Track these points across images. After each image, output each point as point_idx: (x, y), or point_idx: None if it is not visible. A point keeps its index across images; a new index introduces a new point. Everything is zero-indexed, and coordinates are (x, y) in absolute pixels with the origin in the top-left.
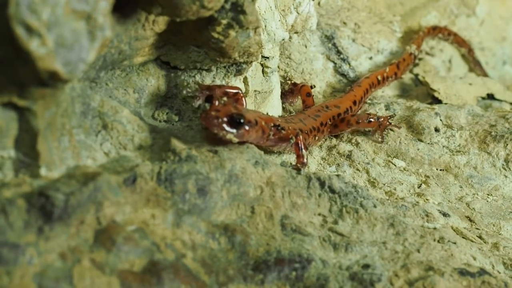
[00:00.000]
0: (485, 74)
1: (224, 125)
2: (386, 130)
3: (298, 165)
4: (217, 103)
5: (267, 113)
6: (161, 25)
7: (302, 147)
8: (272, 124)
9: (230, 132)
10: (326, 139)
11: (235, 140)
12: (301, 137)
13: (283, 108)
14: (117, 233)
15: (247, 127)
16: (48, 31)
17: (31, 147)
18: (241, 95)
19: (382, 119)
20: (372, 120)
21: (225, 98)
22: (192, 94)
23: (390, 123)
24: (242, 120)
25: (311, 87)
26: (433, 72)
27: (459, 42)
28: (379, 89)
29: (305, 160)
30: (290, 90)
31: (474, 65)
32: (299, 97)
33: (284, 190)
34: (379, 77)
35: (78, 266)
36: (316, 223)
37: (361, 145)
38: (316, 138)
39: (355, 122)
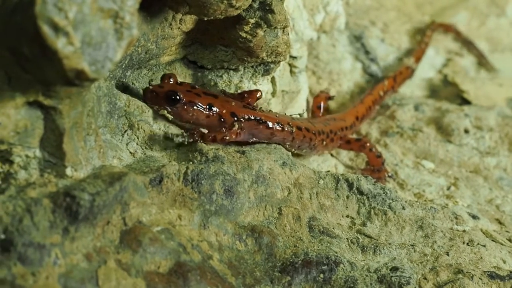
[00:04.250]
0: (491, 67)
1: (159, 100)
2: (379, 178)
3: (197, 137)
4: (168, 81)
5: (270, 110)
6: (188, 24)
7: (219, 139)
8: (246, 116)
9: (164, 108)
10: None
11: (170, 117)
12: (229, 136)
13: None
14: (143, 234)
15: (185, 107)
16: (75, 30)
17: (57, 146)
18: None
19: (384, 168)
20: (379, 156)
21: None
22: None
23: (384, 178)
24: (177, 97)
25: (330, 98)
26: (463, 72)
27: (458, 34)
28: (380, 103)
29: (197, 137)
30: None
31: (480, 57)
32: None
33: (311, 192)
34: (381, 93)
35: (104, 267)
36: (344, 225)
37: (390, 146)
38: (324, 143)
39: (368, 150)
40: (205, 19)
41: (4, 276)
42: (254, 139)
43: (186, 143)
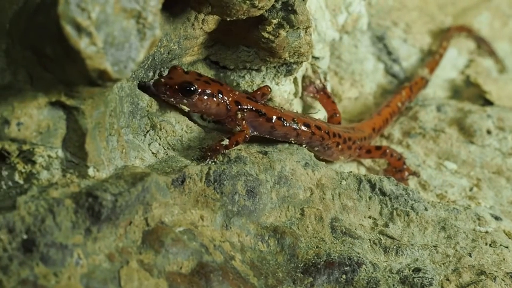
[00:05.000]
0: (503, 67)
1: (174, 93)
2: (401, 178)
3: (208, 151)
4: (176, 72)
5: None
6: (210, 24)
7: (235, 142)
8: (247, 106)
9: (179, 100)
10: (376, 141)
11: (186, 109)
12: (242, 135)
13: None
14: (166, 235)
15: (200, 96)
16: (98, 30)
17: (79, 146)
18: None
19: (406, 167)
20: (400, 159)
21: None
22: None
23: (407, 179)
24: (193, 88)
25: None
26: (485, 73)
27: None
28: (397, 115)
29: (220, 150)
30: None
31: (490, 54)
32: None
33: (334, 192)
34: (399, 104)
35: (126, 267)
36: (367, 226)
37: (412, 147)
38: (339, 147)
39: (389, 156)
40: (228, 19)
41: (27, 276)
42: (255, 133)
43: (211, 162)
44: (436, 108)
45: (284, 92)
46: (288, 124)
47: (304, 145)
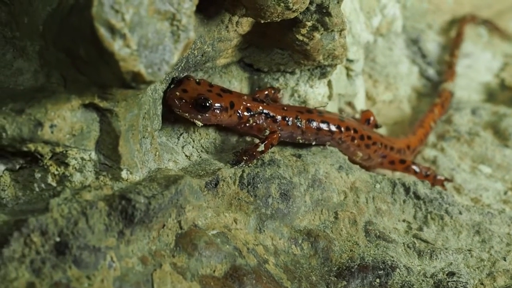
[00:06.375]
0: (502, 33)
1: (189, 108)
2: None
3: (244, 156)
4: (188, 82)
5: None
6: (244, 27)
7: (271, 145)
8: (256, 110)
9: (194, 116)
10: None
11: (199, 123)
12: (275, 137)
13: None
14: (199, 238)
15: (214, 111)
16: (132, 32)
17: (113, 149)
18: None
19: (438, 179)
20: (428, 174)
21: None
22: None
23: (444, 185)
24: (207, 104)
25: (376, 126)
26: None
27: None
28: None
29: (256, 156)
30: None
31: (493, 29)
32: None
33: (368, 196)
34: (432, 124)
35: (159, 270)
36: (401, 230)
37: (446, 151)
38: (355, 142)
39: (413, 172)
40: (262, 22)
41: (59, 279)
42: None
43: (246, 165)
44: (471, 112)
45: (318, 94)
46: (292, 123)
47: (313, 142)
